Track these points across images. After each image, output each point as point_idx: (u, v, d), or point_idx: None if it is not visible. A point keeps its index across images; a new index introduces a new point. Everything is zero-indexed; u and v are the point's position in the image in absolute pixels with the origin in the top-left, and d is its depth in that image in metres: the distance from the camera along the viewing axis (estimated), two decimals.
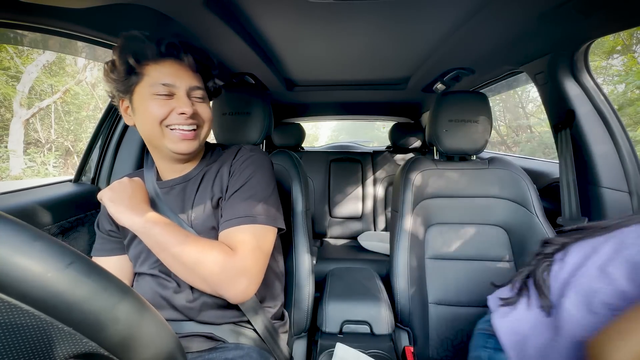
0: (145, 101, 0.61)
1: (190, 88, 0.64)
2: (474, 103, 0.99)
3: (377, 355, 0.71)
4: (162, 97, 0.61)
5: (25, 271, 0.23)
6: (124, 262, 0.71)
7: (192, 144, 0.65)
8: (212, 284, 0.56)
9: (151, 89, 0.61)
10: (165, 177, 0.71)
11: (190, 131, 0.64)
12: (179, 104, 0.61)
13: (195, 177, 0.70)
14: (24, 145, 7.67)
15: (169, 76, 0.61)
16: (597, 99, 0.92)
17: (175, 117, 0.61)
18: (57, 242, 0.26)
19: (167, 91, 0.61)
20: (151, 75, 0.61)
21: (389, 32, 0.92)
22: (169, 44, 0.62)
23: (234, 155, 0.72)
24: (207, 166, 0.71)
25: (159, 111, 0.61)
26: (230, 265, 0.56)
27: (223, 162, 0.71)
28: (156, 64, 0.62)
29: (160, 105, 0.61)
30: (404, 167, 1.03)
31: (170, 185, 0.69)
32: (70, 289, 0.24)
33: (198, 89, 0.65)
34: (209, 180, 0.69)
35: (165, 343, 0.31)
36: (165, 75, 0.61)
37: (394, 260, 0.93)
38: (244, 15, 0.82)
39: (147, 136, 0.65)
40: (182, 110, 0.61)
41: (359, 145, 2.96)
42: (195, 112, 0.63)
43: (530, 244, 0.93)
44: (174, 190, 0.69)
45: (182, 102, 0.62)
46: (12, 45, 6.28)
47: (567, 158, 0.97)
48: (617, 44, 5.47)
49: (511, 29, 0.86)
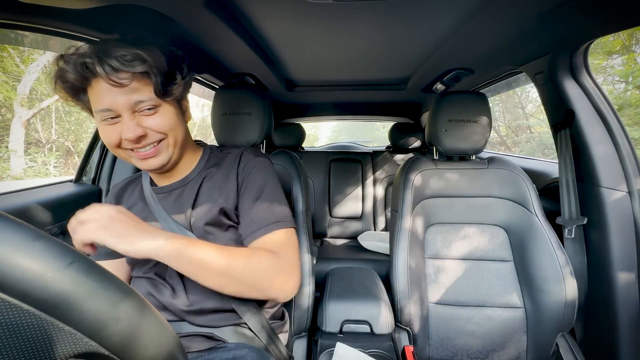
0: (99, 126, 0.58)
1: (132, 104, 0.55)
2: (473, 103, 1.00)
3: (377, 355, 0.71)
4: (109, 122, 0.56)
5: (26, 271, 0.23)
6: (121, 266, 0.70)
7: (158, 160, 0.61)
8: (264, 289, 0.58)
9: (97, 114, 0.57)
10: (160, 183, 0.70)
11: (150, 149, 0.59)
12: (124, 129, 0.56)
13: (193, 180, 0.69)
14: (24, 145, 7.68)
15: (102, 101, 0.55)
16: (597, 99, 0.92)
17: (126, 143, 0.57)
18: (58, 241, 0.26)
19: (110, 116, 0.56)
20: (92, 100, 0.56)
21: (389, 32, 0.92)
22: (83, 64, 0.52)
23: (238, 162, 0.70)
24: (206, 169, 0.70)
25: (109, 138, 0.57)
26: (279, 267, 0.59)
27: (226, 168, 0.70)
28: (90, 87, 0.55)
29: (109, 132, 0.57)
30: (404, 167, 1.03)
31: (168, 190, 0.68)
32: (70, 288, 0.24)
33: (142, 102, 0.56)
34: (211, 186, 0.68)
35: (166, 342, 0.31)
36: (99, 100, 0.55)
37: (394, 260, 0.93)
38: (244, 16, 0.82)
39: None
40: (126, 137, 0.56)
41: (359, 145, 2.96)
42: (145, 132, 0.57)
43: (530, 244, 0.93)
44: (172, 195, 0.68)
45: (125, 126, 0.55)
46: (12, 46, 6.28)
47: (566, 158, 0.97)
48: (617, 44, 5.47)
49: (511, 29, 0.86)
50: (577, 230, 0.96)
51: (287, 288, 0.61)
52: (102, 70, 0.52)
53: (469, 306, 0.95)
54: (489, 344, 0.92)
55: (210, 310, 0.64)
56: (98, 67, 0.52)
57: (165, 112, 0.60)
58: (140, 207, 0.69)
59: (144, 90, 0.56)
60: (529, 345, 0.90)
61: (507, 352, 0.91)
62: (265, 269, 0.57)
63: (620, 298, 0.86)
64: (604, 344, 0.90)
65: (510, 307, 0.93)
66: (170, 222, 0.64)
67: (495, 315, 0.93)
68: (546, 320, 0.88)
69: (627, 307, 0.86)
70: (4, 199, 0.77)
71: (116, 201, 0.72)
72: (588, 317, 0.95)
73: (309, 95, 1.79)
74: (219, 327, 0.64)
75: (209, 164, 0.71)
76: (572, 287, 0.86)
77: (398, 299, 0.91)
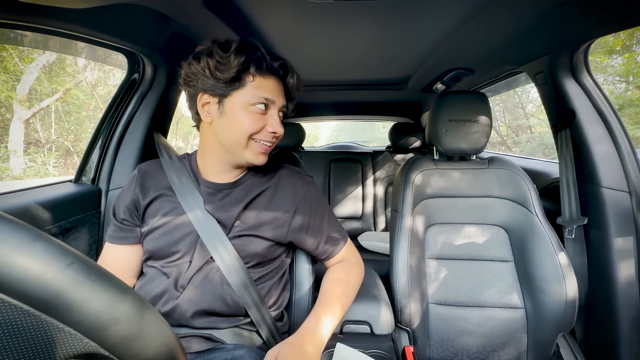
0: (239, 110, 0.62)
1: (281, 107, 0.67)
2: (474, 103, 0.99)
3: (377, 355, 0.71)
4: (257, 111, 0.62)
5: (25, 271, 0.23)
6: (134, 253, 0.70)
7: (266, 157, 0.68)
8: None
9: (251, 98, 0.62)
10: (210, 178, 0.70)
11: (270, 146, 0.67)
12: (272, 123, 0.64)
13: (242, 185, 0.70)
14: (24, 145, 7.68)
15: (271, 92, 0.63)
16: (597, 99, 0.92)
17: (265, 134, 0.64)
18: (58, 242, 0.25)
19: (265, 105, 0.63)
20: (256, 86, 0.62)
21: (389, 32, 0.92)
22: (281, 63, 0.65)
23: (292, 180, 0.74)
24: (253, 177, 0.72)
25: (252, 126, 0.62)
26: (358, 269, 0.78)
27: (277, 181, 0.72)
28: (262, 77, 0.63)
29: (255, 120, 0.62)
30: (404, 167, 1.03)
31: (218, 188, 0.69)
32: (70, 289, 0.24)
33: (284, 108, 0.68)
34: (265, 195, 0.70)
35: (166, 343, 0.31)
36: (268, 90, 0.63)
37: (394, 260, 0.93)
38: (244, 15, 0.82)
39: (227, 142, 0.64)
40: (274, 130, 0.64)
41: (359, 145, 2.96)
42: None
43: (530, 244, 0.93)
44: (220, 194, 0.69)
45: (275, 121, 0.64)
46: (12, 46, 6.28)
47: (567, 158, 0.97)
48: (617, 44, 5.47)
49: (511, 29, 0.86)
50: (577, 231, 0.96)
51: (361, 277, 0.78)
52: (290, 76, 0.67)
53: (469, 306, 0.94)
54: (489, 344, 0.92)
55: (214, 312, 0.64)
56: (290, 71, 0.67)
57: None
58: (168, 198, 0.68)
59: (285, 104, 0.69)
60: (530, 346, 0.90)
61: (507, 353, 0.91)
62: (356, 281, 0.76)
63: (621, 298, 0.86)
64: (604, 344, 0.90)
65: (510, 308, 0.93)
66: (202, 216, 0.65)
67: (496, 315, 0.93)
68: (546, 320, 0.87)
69: (628, 307, 0.86)
70: (3, 199, 0.77)
71: (141, 184, 0.70)
72: (588, 317, 0.95)
73: (309, 95, 1.79)
74: (219, 329, 0.64)
75: (255, 174, 0.73)
76: (572, 287, 0.86)
77: (398, 299, 0.91)
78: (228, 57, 0.59)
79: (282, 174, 0.74)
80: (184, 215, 0.66)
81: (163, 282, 0.65)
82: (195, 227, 0.64)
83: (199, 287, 0.63)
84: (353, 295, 0.73)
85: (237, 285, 0.63)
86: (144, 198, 0.68)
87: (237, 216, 0.66)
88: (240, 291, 0.63)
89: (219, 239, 0.64)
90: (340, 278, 0.72)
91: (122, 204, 0.70)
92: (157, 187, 0.70)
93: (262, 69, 0.62)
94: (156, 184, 0.70)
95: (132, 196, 0.69)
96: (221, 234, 0.64)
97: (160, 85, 1.01)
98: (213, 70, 0.59)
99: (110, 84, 9.99)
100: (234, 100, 0.62)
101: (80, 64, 8.51)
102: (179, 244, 0.65)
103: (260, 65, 0.62)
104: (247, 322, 0.67)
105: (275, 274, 0.72)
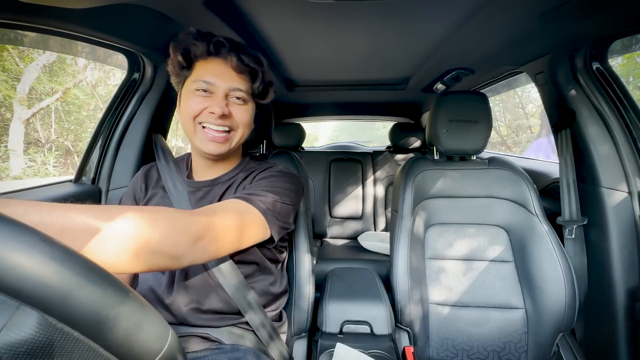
0: (187, 96, 0.64)
1: (230, 89, 0.64)
2: (474, 103, 0.99)
3: (377, 356, 0.71)
4: (201, 94, 0.63)
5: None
6: None
7: (221, 147, 0.65)
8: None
9: (193, 84, 0.63)
10: (198, 177, 0.73)
11: (222, 133, 0.64)
12: (212, 103, 0.62)
13: (222, 182, 0.71)
14: (24, 145, 7.67)
15: (211, 75, 0.63)
16: (597, 99, 0.92)
17: (206, 116, 0.63)
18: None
19: (207, 88, 0.62)
20: (197, 72, 0.64)
21: (389, 32, 0.92)
22: (216, 43, 0.63)
23: (265, 168, 0.73)
24: (236, 175, 0.72)
25: (194, 107, 0.63)
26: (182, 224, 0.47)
27: (252, 175, 0.71)
28: (204, 61, 0.64)
29: (197, 102, 0.63)
30: (404, 167, 1.03)
31: (198, 186, 0.71)
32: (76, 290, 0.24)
33: (239, 91, 0.65)
34: (234, 188, 0.70)
35: (166, 343, 0.31)
36: (208, 73, 0.63)
37: (394, 261, 0.93)
38: (244, 15, 0.82)
39: (184, 130, 0.67)
40: (212, 110, 0.62)
41: (359, 145, 2.95)
42: (229, 114, 0.63)
43: (531, 244, 0.93)
44: (200, 192, 0.70)
45: (215, 102, 0.62)
46: (12, 45, 6.28)
47: (567, 158, 0.97)
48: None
49: (511, 29, 0.86)
50: (577, 231, 0.96)
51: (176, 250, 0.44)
52: (231, 52, 0.62)
53: (469, 307, 0.94)
54: (489, 344, 0.91)
55: (210, 310, 0.64)
56: (229, 48, 0.63)
57: (249, 109, 0.68)
58: (160, 195, 0.71)
59: (243, 84, 0.65)
60: (530, 346, 0.90)
61: (507, 353, 0.91)
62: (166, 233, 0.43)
63: (621, 298, 0.86)
64: (604, 344, 0.90)
65: (510, 308, 0.93)
66: None
67: (496, 315, 0.93)
68: (547, 320, 0.87)
69: (628, 307, 0.86)
70: None
71: (145, 182, 0.75)
72: (589, 317, 0.95)
73: (309, 95, 1.79)
74: (216, 328, 0.64)
75: (240, 169, 0.73)
76: (572, 288, 0.86)
77: (398, 299, 0.91)
78: (175, 49, 0.63)
79: (260, 168, 0.74)
80: None
81: (159, 278, 0.65)
82: None
83: (192, 286, 0.64)
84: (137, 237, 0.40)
85: (231, 288, 0.63)
86: (145, 195, 0.72)
87: None
88: (235, 294, 0.63)
89: None
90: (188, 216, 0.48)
91: (127, 202, 0.74)
92: (157, 185, 0.73)
93: (199, 55, 0.64)
94: (157, 183, 0.74)
95: (134, 194, 0.73)
96: None
97: (160, 85, 1.01)
98: (169, 65, 0.66)
99: (110, 83, 10.00)
100: (185, 88, 0.66)
101: (80, 64, 8.51)
102: None
103: (194, 53, 0.63)
104: (244, 322, 0.66)
105: (269, 273, 0.72)
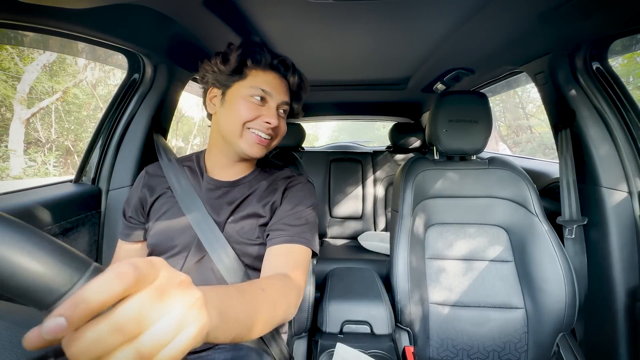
0: (238, 99, 0.66)
1: (281, 102, 0.69)
2: (474, 103, 0.99)
3: (378, 355, 0.71)
4: (255, 101, 0.65)
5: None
6: (142, 250, 0.73)
7: (262, 150, 0.69)
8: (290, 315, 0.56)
9: (249, 90, 0.65)
10: (215, 176, 0.73)
11: (266, 139, 0.68)
12: (267, 114, 0.66)
13: (243, 185, 0.72)
14: (24, 144, 7.68)
15: (269, 85, 0.66)
16: (597, 99, 0.92)
17: (259, 123, 0.66)
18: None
19: (263, 96, 0.66)
20: (254, 79, 0.66)
21: (389, 32, 0.92)
22: (281, 60, 0.68)
23: (288, 179, 0.74)
24: (255, 179, 0.73)
25: (247, 113, 0.65)
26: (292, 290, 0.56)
27: (275, 183, 0.72)
28: (263, 72, 0.67)
29: (251, 108, 0.65)
30: (404, 167, 1.03)
31: (217, 185, 0.71)
32: None
33: (286, 105, 0.71)
34: (258, 196, 0.70)
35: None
36: (266, 83, 0.66)
37: (394, 261, 0.93)
38: (244, 15, 0.82)
39: (224, 130, 0.68)
40: (268, 120, 0.65)
41: (359, 145, 2.95)
42: (277, 125, 0.67)
43: (531, 244, 0.93)
44: (218, 191, 0.71)
45: (270, 113, 0.66)
46: (12, 46, 6.28)
47: (567, 158, 0.97)
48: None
49: (511, 29, 0.86)
50: (577, 231, 0.96)
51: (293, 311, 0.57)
52: (291, 73, 0.70)
53: (469, 306, 0.94)
54: (489, 344, 0.92)
55: None
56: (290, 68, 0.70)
57: (285, 122, 0.73)
58: (168, 195, 0.71)
59: (289, 100, 0.72)
60: (530, 346, 0.90)
61: (507, 353, 0.91)
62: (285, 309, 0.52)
63: (621, 298, 0.86)
64: (604, 344, 0.90)
65: (510, 308, 0.93)
66: (200, 216, 0.66)
67: (496, 315, 0.93)
68: (547, 320, 0.87)
69: (628, 307, 0.86)
70: (3, 199, 0.77)
71: (148, 184, 0.74)
72: (589, 317, 0.95)
73: (309, 95, 1.78)
74: None
75: (260, 177, 0.74)
76: (572, 288, 0.86)
77: (398, 299, 0.91)
78: (231, 52, 0.66)
79: (281, 174, 0.76)
80: (184, 215, 0.67)
81: None
82: (194, 229, 0.66)
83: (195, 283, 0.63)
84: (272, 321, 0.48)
85: None
86: (150, 196, 0.72)
87: (229, 215, 0.68)
88: None
89: (218, 241, 0.65)
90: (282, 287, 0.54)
91: (131, 203, 0.74)
92: (162, 186, 0.73)
93: (261, 64, 0.67)
94: (161, 183, 0.74)
95: (139, 195, 0.73)
96: (219, 235, 0.65)
97: (160, 86, 1.01)
98: (219, 65, 0.66)
99: (110, 83, 10.00)
100: (234, 90, 0.67)
101: (80, 64, 8.52)
102: (177, 238, 0.67)
103: (259, 60, 0.66)
104: None
105: None
